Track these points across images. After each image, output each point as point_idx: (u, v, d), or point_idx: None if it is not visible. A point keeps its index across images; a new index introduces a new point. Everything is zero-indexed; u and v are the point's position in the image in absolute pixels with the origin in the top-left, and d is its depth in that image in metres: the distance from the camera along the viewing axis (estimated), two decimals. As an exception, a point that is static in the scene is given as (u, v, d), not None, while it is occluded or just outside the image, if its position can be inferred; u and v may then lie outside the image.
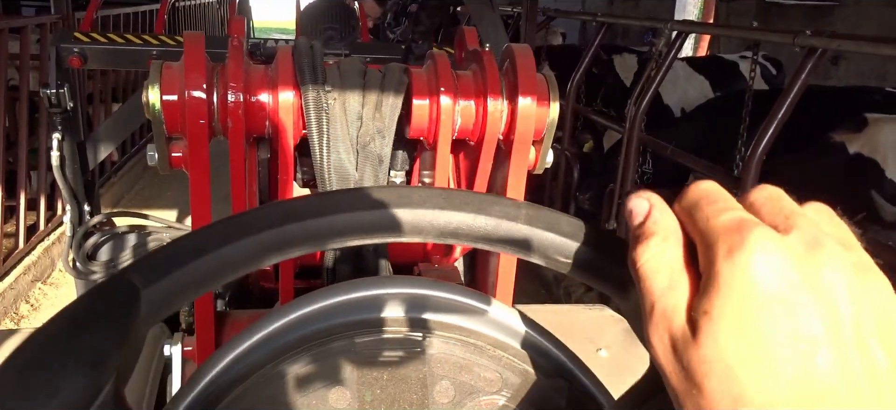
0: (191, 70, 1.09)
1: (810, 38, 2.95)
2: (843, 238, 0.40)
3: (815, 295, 0.37)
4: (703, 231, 0.40)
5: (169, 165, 1.19)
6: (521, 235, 0.50)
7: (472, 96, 1.19)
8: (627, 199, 0.45)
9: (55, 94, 1.90)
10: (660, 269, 0.41)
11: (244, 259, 0.47)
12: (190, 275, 0.45)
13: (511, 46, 1.20)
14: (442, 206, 0.50)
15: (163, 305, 0.44)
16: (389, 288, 0.67)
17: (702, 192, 0.42)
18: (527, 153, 1.21)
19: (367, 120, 1.17)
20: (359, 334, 0.65)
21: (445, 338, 0.66)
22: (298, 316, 0.63)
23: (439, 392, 0.65)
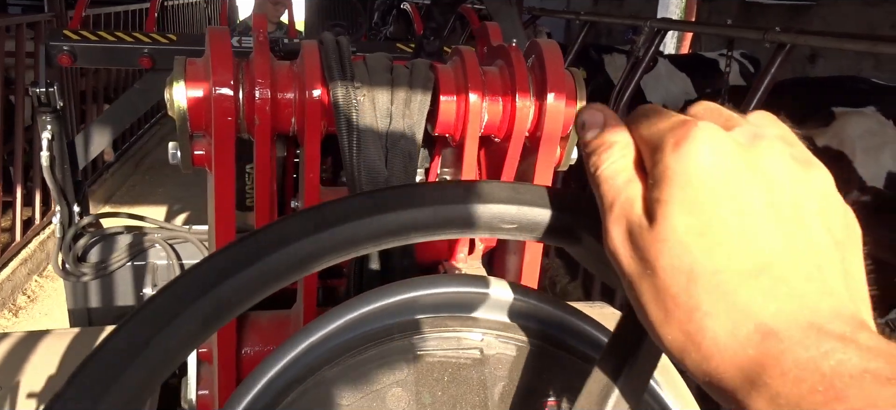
0: (218, 66, 1.07)
1: (779, 34, 3.15)
2: (784, 135, 0.43)
3: (758, 178, 0.40)
4: (650, 136, 0.43)
5: (191, 164, 1.16)
6: (461, 216, 0.49)
7: (499, 93, 1.17)
8: (581, 112, 0.48)
9: (44, 93, 1.87)
10: (618, 172, 0.44)
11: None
12: (147, 369, 0.41)
13: (537, 42, 1.18)
14: (370, 211, 0.49)
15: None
16: (449, 287, 0.65)
17: (647, 108, 0.46)
18: (554, 150, 1.19)
19: (397, 117, 1.14)
20: (417, 334, 0.64)
21: (505, 339, 0.65)
22: (357, 315, 0.62)
23: (499, 394, 0.64)
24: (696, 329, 0.38)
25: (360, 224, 0.48)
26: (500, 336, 0.64)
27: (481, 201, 0.49)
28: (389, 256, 1.20)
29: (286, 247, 0.46)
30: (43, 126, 1.94)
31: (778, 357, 0.36)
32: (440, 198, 0.49)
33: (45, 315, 4.48)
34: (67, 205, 2.05)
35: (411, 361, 0.63)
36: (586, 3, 11.38)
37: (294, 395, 0.59)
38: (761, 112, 0.45)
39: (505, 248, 1.36)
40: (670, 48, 8.87)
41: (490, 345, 0.64)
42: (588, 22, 5.09)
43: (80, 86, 6.05)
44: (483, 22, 1.41)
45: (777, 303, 0.37)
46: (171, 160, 1.18)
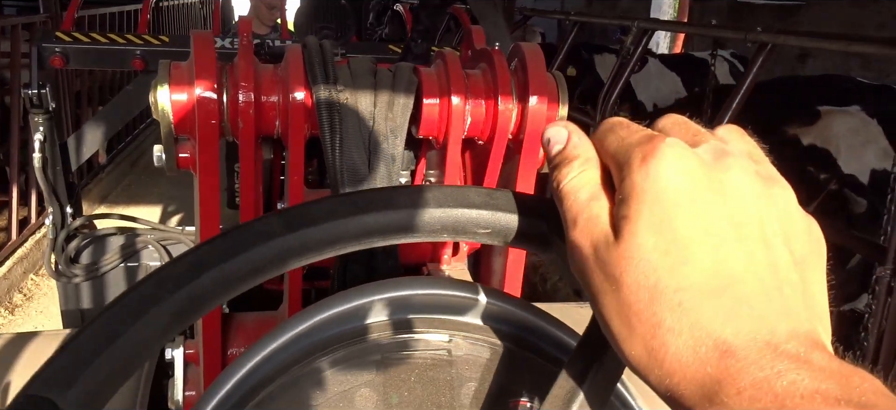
0: (201, 69, 1.07)
1: (761, 34, 3.21)
2: (751, 152, 0.44)
3: (722, 196, 0.40)
4: (616, 150, 0.43)
5: (176, 166, 1.17)
6: (434, 220, 0.49)
7: (482, 96, 1.18)
8: (546, 128, 0.48)
9: (37, 95, 1.86)
10: (581, 186, 0.44)
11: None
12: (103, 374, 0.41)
13: (520, 45, 1.19)
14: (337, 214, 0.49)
15: (90, 405, 0.41)
16: (418, 290, 0.65)
17: (614, 121, 0.46)
18: (537, 152, 1.20)
19: (380, 119, 1.15)
20: (385, 335, 0.64)
21: (473, 340, 0.65)
22: (325, 317, 0.62)
23: (466, 395, 0.64)
24: (659, 345, 0.39)
25: (337, 224, 0.48)
26: (468, 337, 0.65)
27: (457, 205, 0.49)
28: (373, 258, 1.21)
29: (257, 247, 0.46)
30: (35, 127, 1.94)
31: (735, 376, 0.36)
32: (413, 202, 0.50)
33: (41, 312, 4.51)
34: (60, 207, 2.05)
35: (379, 362, 0.63)
36: (580, 4, 11.46)
37: (263, 395, 0.60)
38: (730, 126, 0.45)
39: (490, 251, 1.37)
40: (663, 49, 8.93)
41: (458, 346, 0.65)
42: (578, 22, 5.20)
43: (74, 86, 6.11)
44: (469, 26, 1.43)
45: (737, 323, 0.38)
46: (156, 162, 1.18)
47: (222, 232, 0.48)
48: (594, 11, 10.66)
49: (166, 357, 1.32)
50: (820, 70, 6.91)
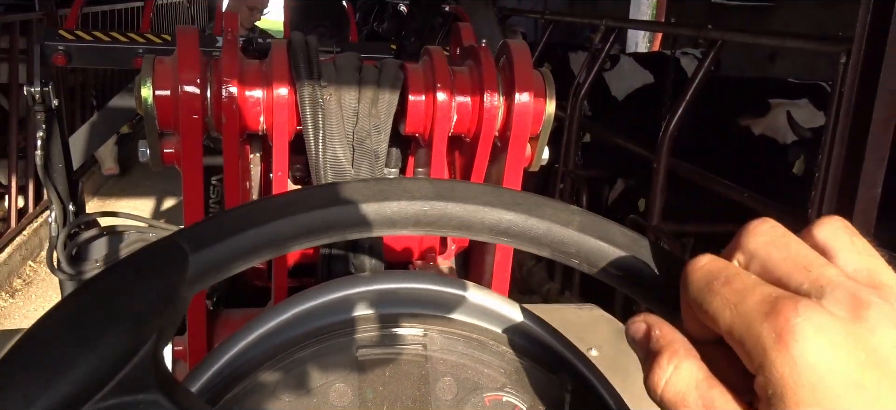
0: (184, 64, 1.06)
1: (711, 31, 3.50)
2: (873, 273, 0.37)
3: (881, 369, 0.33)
4: (731, 324, 0.35)
5: (161, 162, 1.15)
6: (573, 241, 0.48)
7: (468, 92, 1.15)
8: (626, 330, 0.41)
9: (39, 92, 1.85)
10: (685, 390, 0.36)
11: (292, 237, 0.46)
12: (238, 246, 0.44)
13: (507, 42, 1.17)
14: (492, 204, 0.48)
15: (209, 272, 0.44)
16: (390, 284, 0.64)
17: (706, 274, 0.37)
18: (523, 150, 1.18)
19: (364, 116, 1.13)
20: (359, 331, 0.63)
21: (448, 334, 0.64)
22: (297, 312, 0.61)
23: (441, 389, 0.63)
24: None
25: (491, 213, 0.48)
26: (443, 332, 0.64)
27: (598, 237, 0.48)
28: (358, 254, 1.18)
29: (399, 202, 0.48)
30: (38, 125, 1.93)
31: None
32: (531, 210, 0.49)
33: (40, 296, 4.60)
34: (62, 204, 2.04)
35: (354, 357, 0.62)
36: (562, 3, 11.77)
37: (235, 391, 0.59)
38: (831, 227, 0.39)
39: (479, 249, 1.34)
40: (642, 48, 9.24)
41: (433, 341, 0.64)
42: (552, 21, 5.51)
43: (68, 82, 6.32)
44: (456, 23, 1.39)
45: None
46: (141, 158, 1.17)
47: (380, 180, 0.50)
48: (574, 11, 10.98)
49: None
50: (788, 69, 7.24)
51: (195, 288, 0.44)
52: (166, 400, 0.39)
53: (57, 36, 1.99)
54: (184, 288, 0.42)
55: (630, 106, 4.98)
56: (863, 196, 2.30)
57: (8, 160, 4.92)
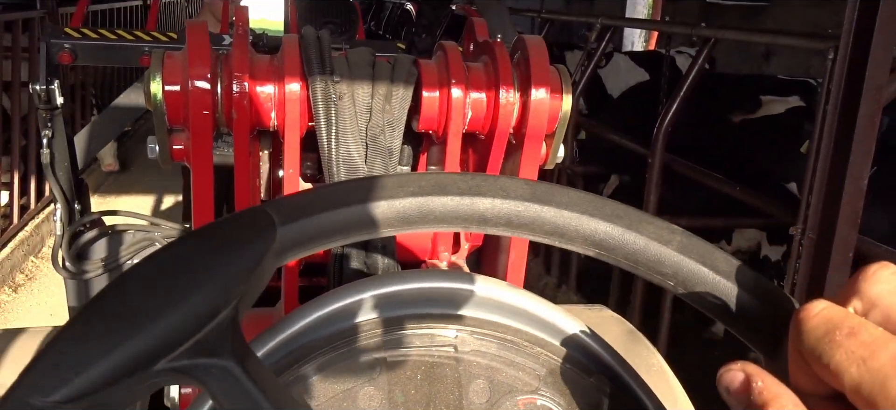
0: (195, 59, 1.05)
1: (704, 29, 3.59)
2: None
3: None
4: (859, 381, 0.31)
5: (170, 158, 1.14)
6: (671, 262, 0.47)
7: (483, 88, 1.13)
8: (721, 377, 0.38)
9: (45, 91, 1.83)
10: None
11: (382, 221, 0.46)
12: (327, 222, 0.44)
13: (523, 38, 1.15)
14: (590, 213, 0.47)
15: (296, 245, 0.44)
16: (419, 283, 0.63)
17: (825, 322, 0.34)
18: (539, 147, 1.15)
19: (377, 112, 1.11)
20: (389, 332, 0.62)
21: (480, 335, 0.63)
22: (326, 313, 0.60)
23: (474, 392, 0.62)
24: None
25: (588, 222, 0.47)
26: (475, 332, 0.63)
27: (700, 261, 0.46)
28: (370, 254, 1.16)
29: (492, 200, 0.47)
30: (43, 124, 1.91)
31: None
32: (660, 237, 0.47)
33: (43, 291, 4.60)
34: (67, 203, 2.01)
35: (383, 359, 0.61)
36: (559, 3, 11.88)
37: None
38: None
39: (493, 247, 1.31)
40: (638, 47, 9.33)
41: (465, 342, 0.62)
42: (548, 19, 5.60)
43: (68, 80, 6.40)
44: (469, 18, 1.39)
45: None
46: (149, 154, 1.15)
47: (477, 175, 0.49)
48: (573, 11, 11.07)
49: None
50: (783, 67, 7.34)
51: (280, 260, 0.44)
52: (239, 369, 0.39)
53: (62, 34, 1.99)
54: (269, 258, 0.42)
55: (625, 103, 5.07)
56: (849, 187, 2.38)
57: (10, 157, 4.99)
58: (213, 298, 0.39)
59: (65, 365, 0.36)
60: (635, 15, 9.13)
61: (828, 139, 2.45)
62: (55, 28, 1.99)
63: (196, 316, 0.38)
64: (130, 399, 0.39)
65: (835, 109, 2.41)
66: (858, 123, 2.33)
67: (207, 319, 0.39)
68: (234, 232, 0.43)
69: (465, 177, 0.48)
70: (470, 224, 0.48)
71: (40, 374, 0.36)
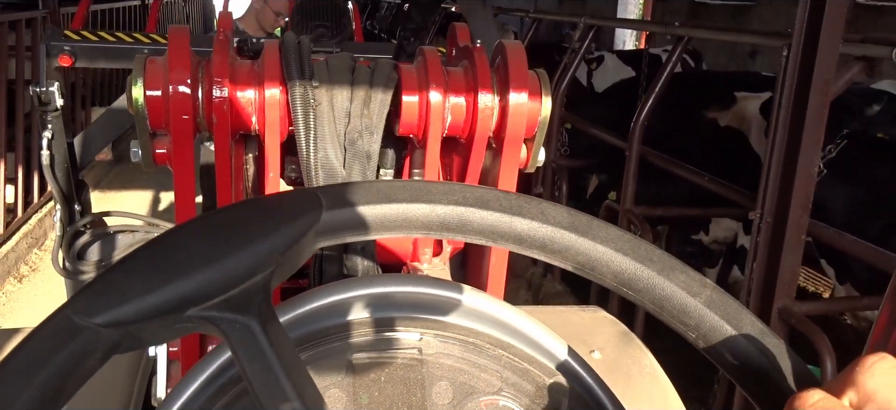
0: (175, 64, 1.05)
1: (678, 28, 3.80)
2: None
3: None
4: None
5: (153, 162, 1.14)
6: (696, 315, 0.47)
7: (462, 92, 1.13)
8: (795, 403, 0.37)
9: (45, 92, 1.82)
10: None
11: (423, 223, 0.48)
12: (371, 215, 0.46)
13: (502, 43, 1.15)
14: (623, 251, 0.48)
15: (338, 230, 0.46)
16: (385, 287, 0.63)
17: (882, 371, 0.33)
18: (518, 151, 1.15)
19: (355, 116, 1.11)
20: (354, 335, 0.62)
21: (443, 338, 0.63)
22: (292, 317, 0.61)
23: (437, 394, 0.62)
24: None
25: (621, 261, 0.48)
26: (439, 335, 0.63)
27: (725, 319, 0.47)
28: (350, 256, 1.16)
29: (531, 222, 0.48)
30: (43, 125, 1.90)
31: None
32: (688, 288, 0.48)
33: (47, 282, 4.70)
34: (67, 204, 2.01)
35: (349, 362, 0.62)
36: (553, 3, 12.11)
37: (230, 395, 0.58)
38: None
39: (476, 252, 1.31)
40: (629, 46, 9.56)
41: (429, 345, 0.63)
42: (537, 19, 5.85)
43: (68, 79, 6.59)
44: (452, 23, 1.38)
45: None
46: (133, 158, 1.17)
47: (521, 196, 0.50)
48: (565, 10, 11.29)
49: (150, 354, 1.28)
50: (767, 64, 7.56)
51: (319, 241, 0.46)
52: (260, 330, 0.42)
53: (62, 36, 1.97)
54: (310, 236, 0.45)
55: (609, 99, 5.29)
56: (801, 173, 2.60)
57: (15, 152, 5.21)
58: (250, 261, 0.42)
59: (109, 295, 0.40)
60: (627, 14, 9.35)
61: (782, 130, 2.65)
62: (55, 31, 1.97)
63: (232, 275, 0.42)
64: (159, 338, 0.43)
65: (788, 102, 2.62)
66: (808, 114, 2.54)
67: (242, 279, 0.42)
68: (282, 206, 0.46)
69: (508, 197, 0.49)
70: (507, 241, 0.49)
71: (87, 298, 0.41)
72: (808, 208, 2.62)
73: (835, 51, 2.49)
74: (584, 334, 1.43)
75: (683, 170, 3.55)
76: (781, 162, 2.65)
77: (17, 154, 5.15)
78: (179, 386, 0.59)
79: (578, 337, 1.40)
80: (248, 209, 0.46)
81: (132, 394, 1.46)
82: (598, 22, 4.73)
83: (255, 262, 0.42)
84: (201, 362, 0.60)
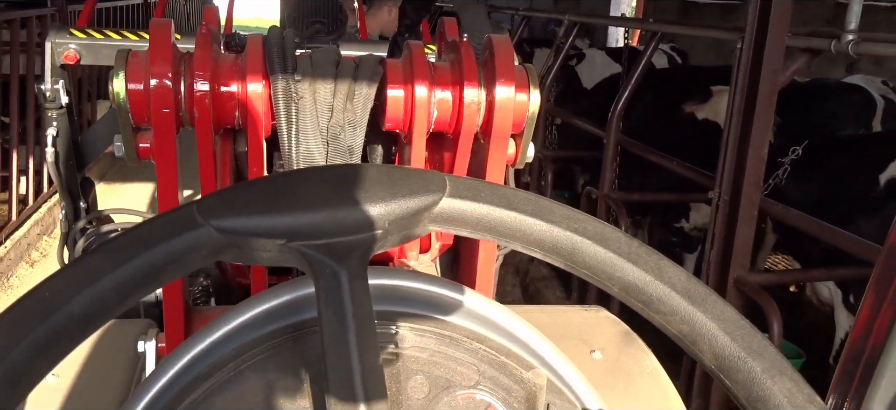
0: (156, 58, 1.04)
1: (652, 24, 4.10)
2: None
3: None
4: None
5: (136, 156, 1.12)
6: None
7: (448, 87, 1.11)
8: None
9: (50, 90, 1.83)
10: None
11: (532, 240, 0.49)
12: (484, 216, 0.47)
13: (490, 36, 1.12)
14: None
15: (449, 220, 0.47)
16: None
17: None
18: (505, 146, 1.13)
19: (338, 110, 1.09)
20: None
21: (419, 331, 0.63)
22: (262, 310, 0.60)
23: (413, 388, 0.61)
24: None
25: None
26: (414, 329, 0.63)
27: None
28: None
29: None
30: (48, 122, 1.89)
31: None
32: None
33: (56, 266, 5.25)
34: (72, 201, 2.00)
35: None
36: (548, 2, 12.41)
37: (199, 393, 0.57)
38: None
39: (464, 246, 1.30)
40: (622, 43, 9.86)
41: (404, 338, 0.62)
42: (526, 17, 6.12)
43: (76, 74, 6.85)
44: (440, 18, 1.36)
45: None
46: (116, 153, 1.15)
47: (633, 242, 0.49)
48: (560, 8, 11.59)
49: (139, 349, 1.27)
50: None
51: (430, 225, 0.47)
52: (347, 281, 0.44)
53: (67, 34, 1.96)
54: (425, 217, 0.46)
55: (597, 94, 5.59)
56: (752, 155, 2.86)
57: (26, 145, 5.51)
58: (361, 218, 0.44)
59: (232, 204, 0.43)
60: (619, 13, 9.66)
61: (737, 116, 2.93)
62: (60, 28, 1.95)
63: (342, 224, 0.43)
64: (260, 258, 0.45)
65: (742, 91, 2.91)
66: (758, 102, 2.80)
67: (349, 232, 0.44)
68: (409, 178, 0.47)
69: (628, 241, 0.48)
70: (613, 286, 0.48)
71: (212, 201, 0.43)
72: (759, 186, 2.88)
73: (782, 44, 2.72)
74: (585, 334, 1.38)
75: (654, 156, 3.83)
76: (736, 146, 2.93)
77: (28, 146, 5.43)
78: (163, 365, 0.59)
79: (579, 336, 1.36)
80: (378, 171, 0.47)
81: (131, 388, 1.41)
82: (581, 19, 5.02)
83: (365, 221, 0.44)
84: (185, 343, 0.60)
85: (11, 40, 4.95)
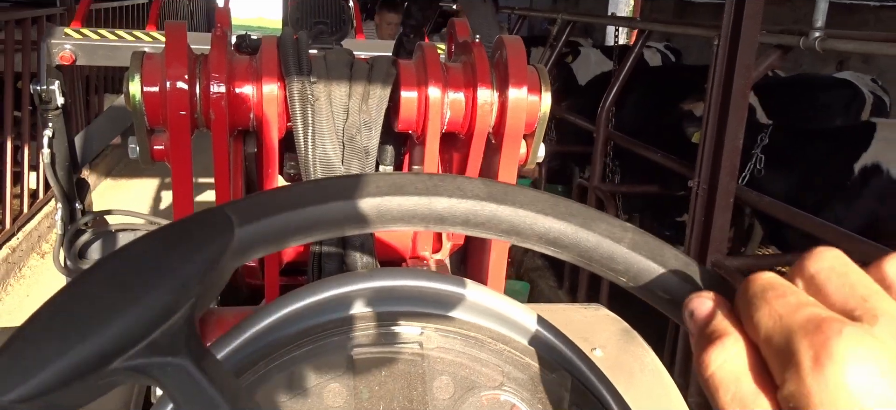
0: (172, 60, 1.04)
1: (640, 22, 4.29)
2: None
3: None
4: (771, 333, 0.34)
5: (151, 158, 1.12)
6: (621, 259, 0.47)
7: (461, 88, 1.11)
8: (688, 300, 0.40)
9: (46, 91, 1.82)
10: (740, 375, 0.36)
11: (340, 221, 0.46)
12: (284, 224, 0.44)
13: (502, 37, 1.12)
14: (544, 211, 0.47)
15: (253, 246, 0.43)
16: (385, 281, 0.62)
17: (763, 284, 0.36)
18: (517, 147, 1.13)
19: (354, 112, 1.10)
20: (354, 329, 0.62)
21: (445, 332, 0.63)
22: (292, 310, 0.60)
23: (438, 388, 0.62)
24: None
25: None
26: (440, 329, 0.62)
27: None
28: (349, 252, 1.14)
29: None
30: (44, 123, 1.90)
31: None
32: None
33: None
34: (68, 202, 1.99)
35: (349, 356, 0.61)
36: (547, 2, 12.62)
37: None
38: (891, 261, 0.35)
39: (475, 245, 1.30)
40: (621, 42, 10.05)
41: (430, 339, 0.62)
42: (521, 16, 6.31)
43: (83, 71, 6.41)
44: (451, 18, 1.35)
45: None
46: (130, 154, 1.14)
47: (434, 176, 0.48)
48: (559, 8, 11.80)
49: None
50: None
51: (238, 261, 0.44)
52: (194, 367, 0.39)
53: (63, 34, 1.94)
54: (227, 258, 0.42)
55: (590, 90, 5.78)
56: (728, 146, 3.04)
57: (36, 141, 5.71)
58: (167, 298, 0.39)
59: (20, 366, 0.36)
60: (617, 12, 9.85)
61: (714, 109, 3.12)
62: (56, 29, 1.95)
63: (151, 316, 0.38)
64: (87, 398, 0.39)
65: (718, 86, 3.11)
66: (733, 96, 2.97)
67: (162, 319, 0.39)
68: (191, 232, 0.42)
69: (422, 179, 0.47)
70: (429, 223, 0.47)
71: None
72: (734, 175, 3.08)
73: (754, 40, 2.88)
74: (586, 331, 1.39)
75: (639, 148, 4.02)
76: (714, 137, 3.12)
77: (38, 142, 5.64)
78: None
79: (580, 334, 1.36)
80: (154, 243, 0.42)
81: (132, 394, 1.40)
82: (573, 17, 5.22)
83: (173, 299, 0.40)
84: None
85: (23, 39, 4.99)
